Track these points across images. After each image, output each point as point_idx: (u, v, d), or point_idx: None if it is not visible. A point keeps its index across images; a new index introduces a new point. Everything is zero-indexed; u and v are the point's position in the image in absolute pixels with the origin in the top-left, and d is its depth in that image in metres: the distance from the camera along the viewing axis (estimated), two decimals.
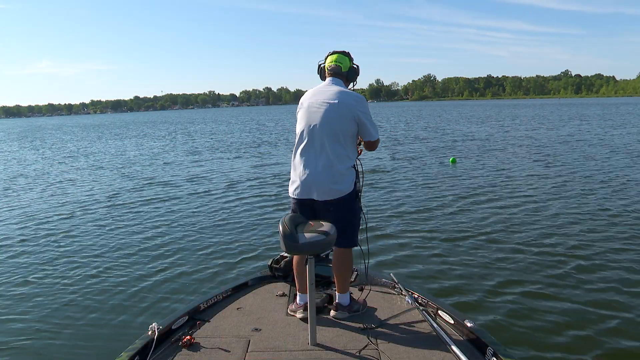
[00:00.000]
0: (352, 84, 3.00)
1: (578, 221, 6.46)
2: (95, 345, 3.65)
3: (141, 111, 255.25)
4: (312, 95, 2.85)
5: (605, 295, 4.15)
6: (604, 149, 14.81)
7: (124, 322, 3.99)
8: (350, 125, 2.77)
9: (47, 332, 3.87)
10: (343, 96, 2.78)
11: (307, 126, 2.79)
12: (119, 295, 4.54)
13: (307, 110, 2.82)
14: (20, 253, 6.03)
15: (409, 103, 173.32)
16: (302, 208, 2.84)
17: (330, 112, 2.75)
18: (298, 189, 2.83)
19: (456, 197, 8.32)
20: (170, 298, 4.42)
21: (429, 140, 19.71)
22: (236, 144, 21.67)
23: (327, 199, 2.76)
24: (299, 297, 2.96)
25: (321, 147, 2.76)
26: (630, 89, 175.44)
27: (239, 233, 6.50)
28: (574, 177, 9.84)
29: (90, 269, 5.31)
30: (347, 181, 2.77)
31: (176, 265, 5.30)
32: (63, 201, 9.36)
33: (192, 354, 2.45)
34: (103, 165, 15.55)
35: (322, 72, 2.99)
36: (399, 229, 6.40)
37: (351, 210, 2.83)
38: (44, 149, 23.88)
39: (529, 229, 6.15)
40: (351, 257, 2.93)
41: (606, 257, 5.07)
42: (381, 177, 10.71)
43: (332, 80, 2.88)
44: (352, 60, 2.95)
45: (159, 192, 9.97)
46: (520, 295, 4.20)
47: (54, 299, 4.52)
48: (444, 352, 2.45)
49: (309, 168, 2.77)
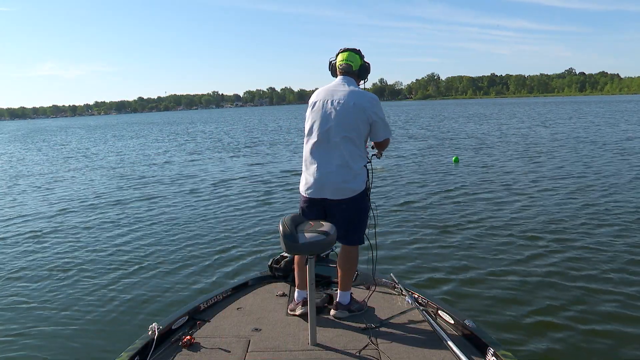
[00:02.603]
0: (364, 81, 3.01)
1: (584, 221, 6.42)
2: (95, 345, 3.66)
3: (145, 112, 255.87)
4: (326, 94, 2.84)
5: (608, 295, 4.12)
6: (595, 145, 14.74)
7: (124, 322, 4.00)
8: (364, 126, 2.79)
9: (47, 332, 3.89)
10: (358, 97, 2.78)
11: (320, 125, 2.78)
12: (119, 295, 4.55)
13: (320, 109, 2.81)
14: (19, 253, 6.06)
15: (413, 102, 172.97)
16: (312, 206, 2.84)
17: (345, 113, 2.75)
18: (311, 188, 2.81)
19: (457, 197, 8.30)
20: (171, 298, 4.43)
21: (430, 140, 19.67)
22: (236, 144, 21.71)
23: (340, 198, 2.77)
24: (297, 293, 2.96)
25: (336, 147, 2.76)
26: (635, 87, 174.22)
27: (239, 233, 6.50)
28: (578, 177, 9.79)
29: (90, 269, 5.33)
30: (360, 180, 2.80)
31: (176, 265, 5.31)
32: (63, 201, 9.40)
33: (192, 354, 2.46)
34: (104, 165, 15.60)
35: (333, 69, 2.98)
36: (400, 229, 6.39)
37: (362, 209, 2.85)
38: (47, 150, 24.00)
39: (530, 231, 6.13)
40: (357, 254, 2.95)
41: (610, 257, 5.04)
42: (382, 176, 10.69)
43: (344, 79, 2.87)
44: (362, 57, 2.94)
45: (159, 192, 9.99)
46: (520, 295, 4.19)
47: (54, 299, 4.54)
48: (444, 352, 2.44)
49: (323, 167, 2.77)
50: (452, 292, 4.32)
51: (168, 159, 16.86)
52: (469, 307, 3.96)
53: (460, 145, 17.03)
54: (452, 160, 12.74)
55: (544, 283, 4.42)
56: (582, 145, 15.32)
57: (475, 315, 3.74)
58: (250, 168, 13.32)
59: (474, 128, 25.83)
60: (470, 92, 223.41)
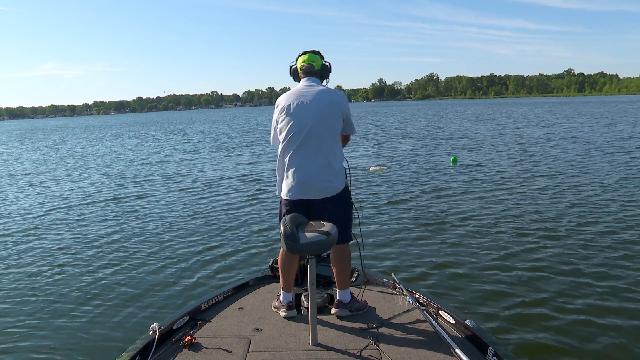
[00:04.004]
0: (326, 81, 3.03)
1: (584, 221, 6.44)
2: (96, 345, 3.66)
3: (144, 112, 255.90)
4: (297, 96, 2.82)
5: (609, 296, 4.12)
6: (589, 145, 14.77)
7: (125, 322, 4.00)
8: (340, 123, 2.84)
9: (47, 333, 3.88)
10: (331, 95, 2.82)
11: (299, 127, 2.76)
12: (119, 295, 4.55)
13: (294, 111, 2.78)
14: (19, 252, 6.05)
15: (412, 102, 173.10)
16: (297, 209, 2.80)
17: (322, 111, 2.76)
18: (293, 190, 2.78)
19: (457, 197, 8.30)
20: (171, 298, 4.43)
21: (430, 140, 19.67)
22: (237, 144, 21.71)
23: (325, 197, 2.77)
24: (282, 295, 2.95)
25: (318, 147, 2.75)
26: (634, 87, 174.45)
27: (239, 233, 6.50)
28: (583, 177, 9.81)
29: (91, 269, 5.32)
30: (341, 178, 2.83)
31: (177, 265, 5.31)
32: (63, 200, 9.39)
33: (193, 354, 2.45)
34: (103, 164, 15.58)
35: (294, 73, 3.01)
36: (400, 229, 6.39)
37: (347, 206, 2.88)
38: (45, 149, 23.98)
39: (531, 230, 6.13)
40: (349, 251, 2.96)
41: (611, 257, 5.04)
42: (382, 176, 10.70)
43: (309, 80, 2.89)
44: (323, 58, 2.97)
45: (159, 191, 9.99)
46: (521, 295, 4.19)
47: (54, 300, 4.53)
48: (445, 352, 2.44)
49: (305, 169, 2.75)
50: (453, 292, 4.32)
51: (167, 158, 16.84)
52: (470, 307, 3.96)
53: (457, 144, 17.04)
54: (450, 161, 12.74)
55: (546, 284, 4.42)
56: (575, 145, 15.41)
57: (476, 315, 3.74)
58: (250, 167, 13.32)
59: (471, 128, 25.85)
60: (470, 92, 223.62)
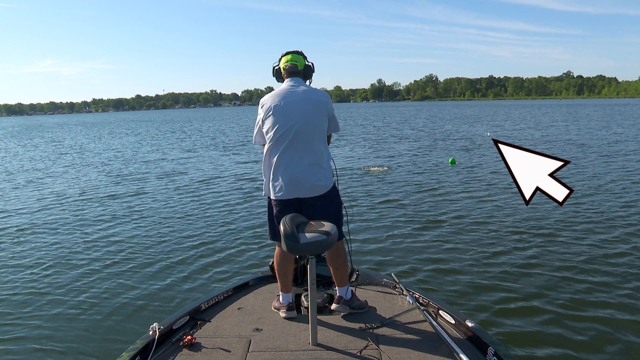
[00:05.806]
0: (309, 81, 3.04)
1: (582, 224, 6.46)
2: (95, 345, 3.64)
3: (143, 110, 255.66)
4: (282, 97, 2.82)
5: (609, 295, 4.14)
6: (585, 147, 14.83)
7: (125, 322, 3.99)
8: (326, 121, 2.86)
9: (48, 333, 3.87)
10: (316, 94, 2.84)
11: (286, 127, 2.76)
12: (119, 295, 4.53)
13: (281, 111, 2.78)
14: (18, 252, 6.04)
15: (411, 103, 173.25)
16: (286, 209, 2.80)
17: (309, 110, 2.77)
18: (282, 190, 2.79)
19: (457, 197, 8.31)
20: (171, 298, 4.42)
21: (429, 140, 19.69)
22: (237, 144, 21.69)
23: (314, 196, 2.79)
24: (282, 296, 2.96)
25: (306, 146, 2.77)
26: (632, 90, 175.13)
27: (240, 232, 6.49)
28: (586, 178, 9.83)
29: (91, 269, 5.30)
30: (329, 176, 2.85)
31: (177, 265, 5.30)
32: (61, 198, 9.37)
33: (193, 354, 2.45)
34: (101, 161, 15.56)
35: (277, 73, 3.02)
36: (399, 229, 6.39)
37: (337, 203, 2.90)
38: (43, 146, 23.91)
39: (531, 230, 6.14)
40: (344, 249, 2.97)
41: (611, 257, 5.05)
42: (383, 177, 10.70)
43: (293, 80, 2.89)
44: (306, 58, 2.98)
45: (157, 190, 9.96)
46: (521, 295, 4.20)
47: (54, 300, 4.51)
48: (445, 352, 2.44)
49: (294, 168, 2.76)
50: (453, 292, 4.32)
51: (166, 158, 16.82)
52: (470, 307, 3.97)
53: (454, 146, 17.05)
54: (448, 162, 12.75)
55: (546, 283, 4.42)
56: (571, 147, 15.48)
57: (476, 315, 3.75)
58: (250, 167, 13.31)
59: (468, 129, 25.87)
60: (469, 94, 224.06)
